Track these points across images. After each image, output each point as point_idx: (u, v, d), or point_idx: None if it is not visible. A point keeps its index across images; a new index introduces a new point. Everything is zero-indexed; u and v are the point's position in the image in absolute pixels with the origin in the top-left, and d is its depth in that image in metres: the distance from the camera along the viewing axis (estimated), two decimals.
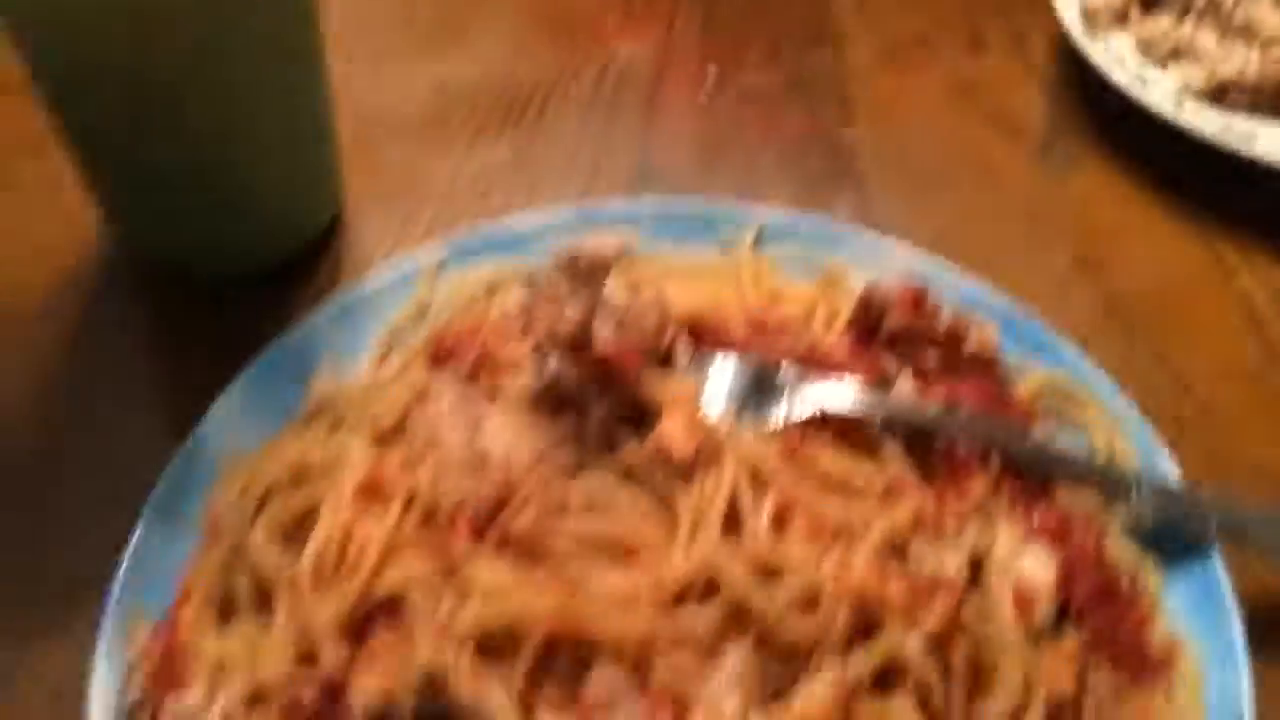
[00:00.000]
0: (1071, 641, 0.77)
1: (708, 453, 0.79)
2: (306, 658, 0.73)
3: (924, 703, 0.70)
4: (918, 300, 0.92)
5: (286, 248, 1.10)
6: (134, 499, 0.83)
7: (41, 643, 0.84)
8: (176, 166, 0.98)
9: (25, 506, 0.93)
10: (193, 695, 0.70)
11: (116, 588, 0.78)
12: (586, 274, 0.97)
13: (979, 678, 0.73)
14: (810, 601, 0.72)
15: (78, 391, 1.01)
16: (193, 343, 1.04)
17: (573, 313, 0.84)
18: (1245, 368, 1.03)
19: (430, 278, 1.01)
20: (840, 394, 0.84)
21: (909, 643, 0.70)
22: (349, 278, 1.10)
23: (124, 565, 0.79)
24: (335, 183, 1.15)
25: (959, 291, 0.97)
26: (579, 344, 0.83)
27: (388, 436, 0.88)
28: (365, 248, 1.14)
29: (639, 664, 0.71)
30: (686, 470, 0.78)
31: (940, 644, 0.71)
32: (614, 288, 0.97)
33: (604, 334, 0.83)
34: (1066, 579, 0.78)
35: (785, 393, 0.85)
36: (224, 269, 1.08)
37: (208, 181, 1.00)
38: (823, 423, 0.84)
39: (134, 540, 0.80)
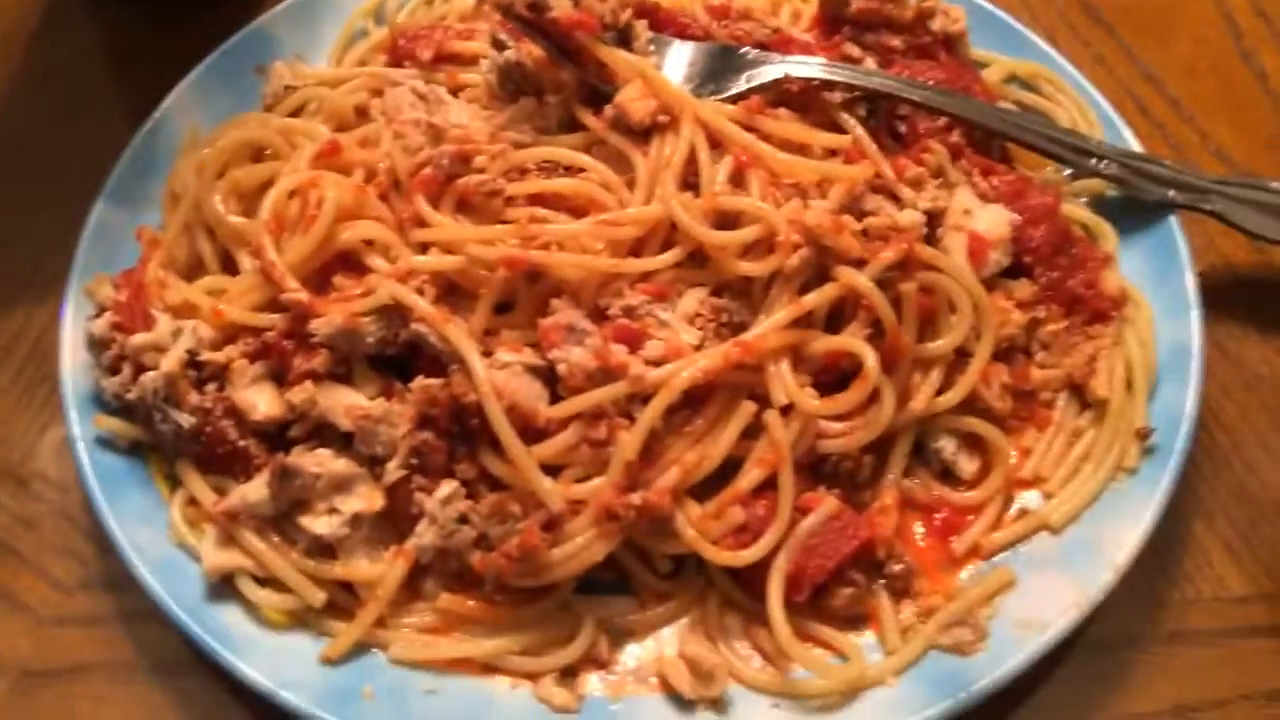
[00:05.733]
0: (1024, 287, 0.78)
1: (666, 116, 0.78)
2: (269, 305, 0.73)
3: (876, 335, 0.71)
4: None
5: None
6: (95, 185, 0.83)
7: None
8: None
9: None
10: (158, 330, 0.70)
11: (81, 251, 0.78)
12: None
13: (933, 321, 0.74)
14: (767, 244, 0.72)
15: (37, 98, 1.00)
16: (146, 56, 1.02)
17: None
18: (1216, 68, 1.01)
19: None
20: (805, 64, 0.83)
21: (862, 277, 0.70)
22: None
23: (87, 231, 0.79)
24: None
25: None
26: (536, 10, 0.80)
27: (348, 124, 0.87)
28: None
29: (596, 307, 0.72)
30: (644, 133, 0.78)
31: (893, 282, 0.71)
32: None
33: (561, 3, 0.81)
34: (1021, 232, 0.78)
35: (747, 68, 0.84)
36: None
37: None
38: (783, 98, 0.83)
39: (95, 211, 0.81)
